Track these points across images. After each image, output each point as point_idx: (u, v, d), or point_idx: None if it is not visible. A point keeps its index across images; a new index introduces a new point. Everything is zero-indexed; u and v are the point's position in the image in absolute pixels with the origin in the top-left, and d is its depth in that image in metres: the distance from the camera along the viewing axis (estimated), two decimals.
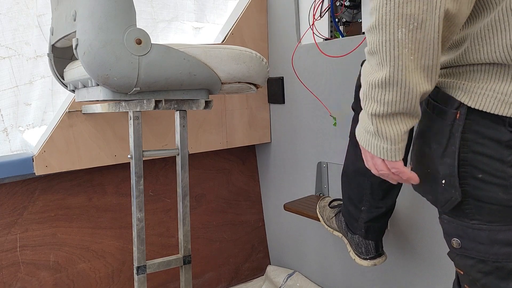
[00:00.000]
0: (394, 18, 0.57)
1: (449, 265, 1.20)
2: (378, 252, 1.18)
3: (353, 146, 1.12)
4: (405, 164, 0.69)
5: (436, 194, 0.69)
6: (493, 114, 0.61)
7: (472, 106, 0.62)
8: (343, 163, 1.21)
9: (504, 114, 0.60)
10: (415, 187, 0.75)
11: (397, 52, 0.58)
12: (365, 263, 1.18)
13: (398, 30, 0.57)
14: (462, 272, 0.71)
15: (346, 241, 1.24)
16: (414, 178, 0.68)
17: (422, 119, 0.68)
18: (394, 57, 0.58)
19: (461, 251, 0.69)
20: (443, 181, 0.66)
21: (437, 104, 0.68)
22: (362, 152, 0.71)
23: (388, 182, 1.07)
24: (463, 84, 0.64)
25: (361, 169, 1.08)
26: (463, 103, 0.63)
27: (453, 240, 0.70)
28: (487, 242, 0.65)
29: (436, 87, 0.68)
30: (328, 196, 1.52)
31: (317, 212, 1.41)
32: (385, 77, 0.59)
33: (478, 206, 0.65)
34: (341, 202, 1.29)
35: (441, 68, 0.68)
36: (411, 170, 0.71)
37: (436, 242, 1.25)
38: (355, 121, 1.11)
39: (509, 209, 0.63)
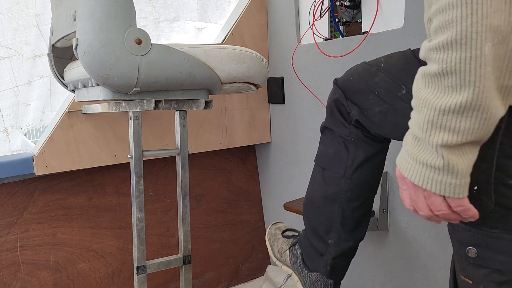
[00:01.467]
0: (481, 30, 0.50)
1: (450, 266, 1.19)
2: None
3: (320, 170, 1.02)
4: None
5: None
6: None
7: None
8: None
9: None
10: None
11: (483, 71, 0.51)
12: None
13: (485, 44, 0.50)
14: (471, 282, 0.67)
15: (297, 278, 1.09)
16: (476, 214, 0.60)
17: None
18: (480, 77, 0.51)
19: (476, 260, 0.65)
20: (475, 188, 0.61)
21: None
22: (409, 193, 0.62)
23: (362, 211, 1.01)
24: None
25: (330, 195, 0.98)
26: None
27: (469, 249, 0.65)
28: (507, 252, 0.62)
29: None
30: (281, 222, 1.31)
31: (266, 239, 1.25)
32: (466, 101, 0.52)
33: (504, 215, 0.61)
34: (297, 234, 1.16)
35: None
36: None
37: (437, 243, 1.25)
38: (323, 143, 1.02)
39: None
